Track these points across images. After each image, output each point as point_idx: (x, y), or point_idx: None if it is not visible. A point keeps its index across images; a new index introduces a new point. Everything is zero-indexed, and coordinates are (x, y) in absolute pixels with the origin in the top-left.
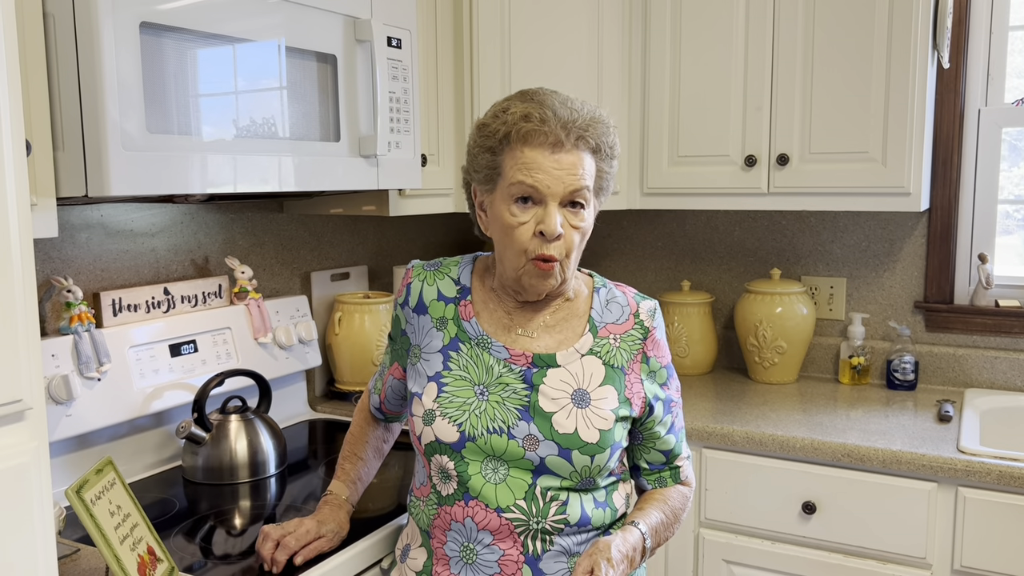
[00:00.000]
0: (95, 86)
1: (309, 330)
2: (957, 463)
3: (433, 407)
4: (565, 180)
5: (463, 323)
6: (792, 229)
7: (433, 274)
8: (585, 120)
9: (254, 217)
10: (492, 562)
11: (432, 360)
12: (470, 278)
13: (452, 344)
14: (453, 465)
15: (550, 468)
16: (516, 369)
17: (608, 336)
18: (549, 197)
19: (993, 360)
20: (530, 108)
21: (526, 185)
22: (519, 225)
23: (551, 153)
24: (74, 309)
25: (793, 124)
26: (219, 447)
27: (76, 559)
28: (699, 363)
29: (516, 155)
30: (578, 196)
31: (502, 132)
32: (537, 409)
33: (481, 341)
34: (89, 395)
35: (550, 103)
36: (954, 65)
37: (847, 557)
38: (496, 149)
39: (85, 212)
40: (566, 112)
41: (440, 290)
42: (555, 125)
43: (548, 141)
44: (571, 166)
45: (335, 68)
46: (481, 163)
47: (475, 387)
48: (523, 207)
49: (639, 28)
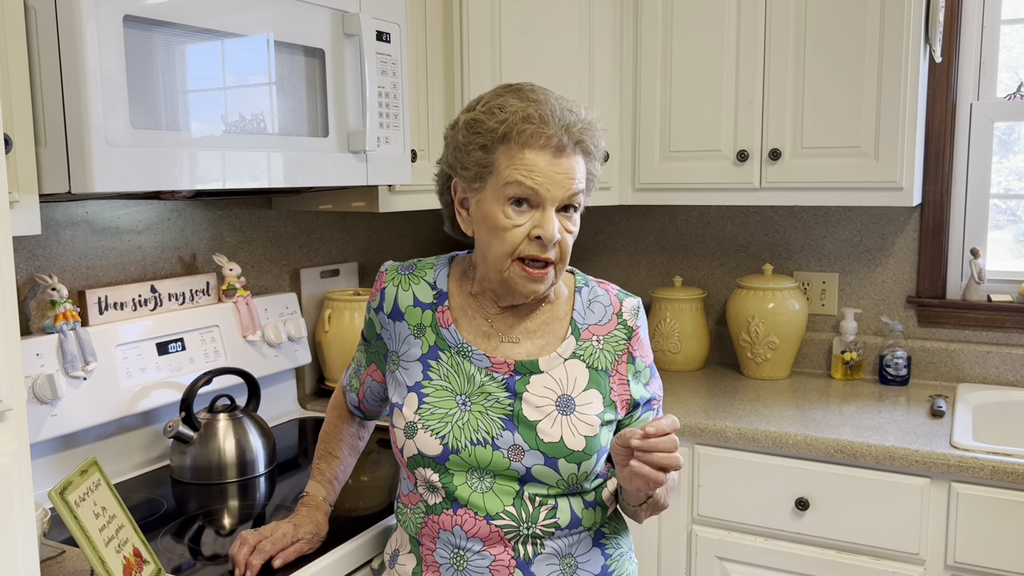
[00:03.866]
0: (78, 81)
1: (298, 327)
2: (950, 458)
3: (415, 419)
4: (564, 185)
5: (441, 330)
6: (784, 224)
7: (408, 278)
8: (584, 124)
9: (242, 214)
10: (483, 568)
11: (411, 369)
12: (447, 282)
13: (431, 352)
14: (438, 477)
15: (536, 477)
16: (498, 377)
17: (591, 338)
18: (548, 201)
19: (985, 355)
20: (530, 109)
21: (525, 187)
22: (513, 228)
23: (552, 157)
24: (59, 307)
25: (785, 119)
26: (207, 446)
27: (61, 561)
28: (691, 359)
29: (514, 155)
30: (575, 200)
31: (500, 131)
32: (521, 418)
33: (461, 349)
34: (75, 394)
35: (549, 104)
36: (946, 59)
37: (840, 553)
38: (490, 147)
39: (70, 209)
40: (566, 115)
41: (416, 295)
42: (557, 128)
43: (551, 145)
44: (569, 170)
45: (323, 62)
46: (471, 160)
47: (456, 397)
48: (518, 210)
49: (630, 22)
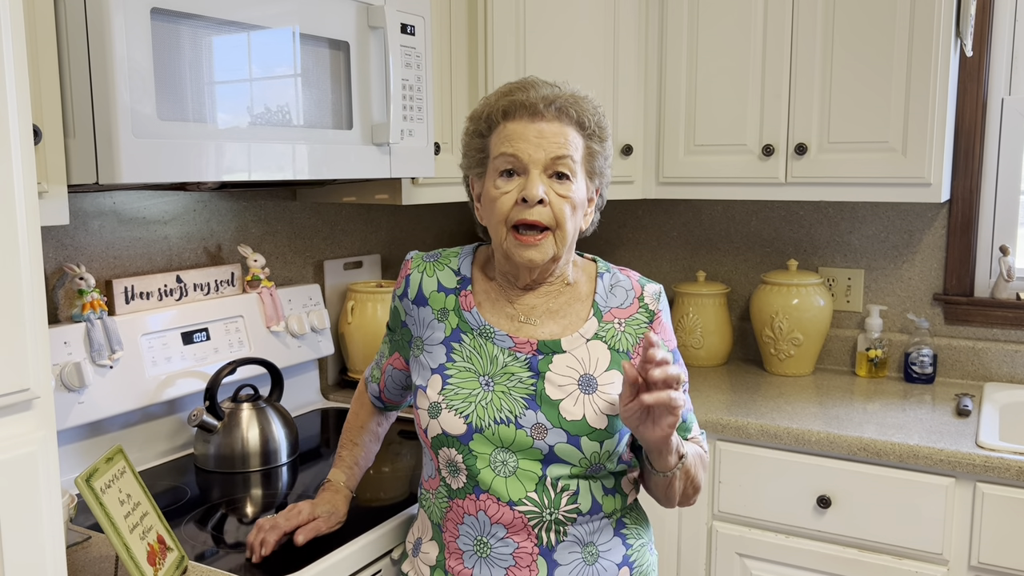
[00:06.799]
0: (106, 72)
1: (322, 319)
2: (976, 458)
3: (439, 399)
4: (546, 147)
5: (464, 313)
6: (809, 219)
7: (432, 265)
8: (567, 95)
9: (267, 205)
10: (507, 555)
11: (435, 352)
12: (471, 268)
13: (454, 335)
14: (462, 458)
15: (559, 456)
16: (521, 357)
17: (613, 320)
18: (531, 164)
19: (1013, 354)
20: (511, 87)
21: (507, 155)
22: (502, 195)
23: (531, 123)
24: (86, 296)
25: (812, 113)
26: (231, 435)
27: (87, 547)
28: (714, 355)
29: (500, 132)
30: (561, 165)
31: (486, 113)
32: (544, 397)
33: (484, 331)
34: (101, 382)
35: (532, 82)
36: (977, 53)
37: (862, 552)
38: (484, 132)
39: (98, 199)
40: (547, 89)
41: (440, 281)
42: (534, 97)
43: (527, 111)
44: (553, 135)
45: (348, 55)
46: (473, 149)
47: (480, 378)
48: (507, 179)
49: (656, 14)
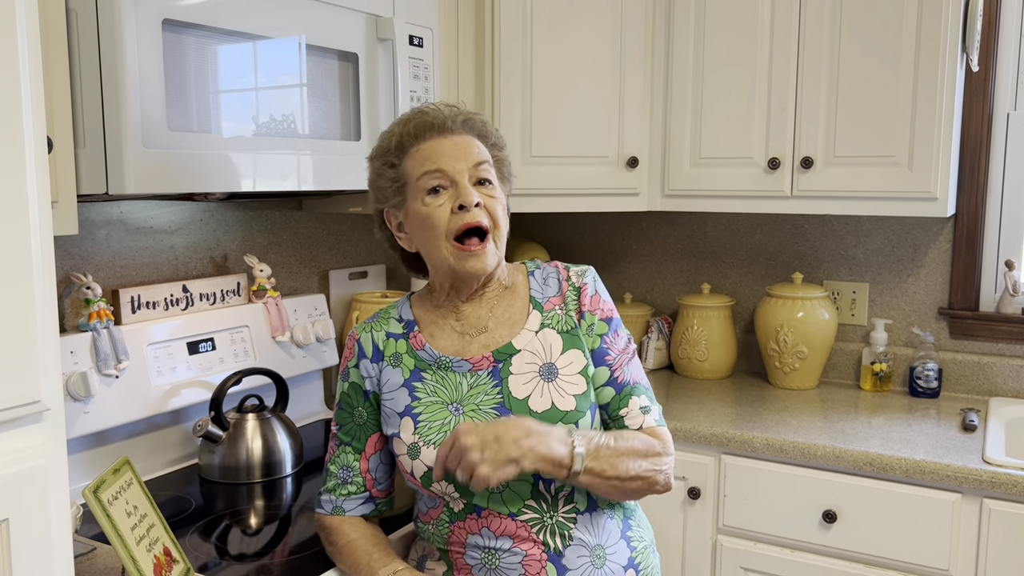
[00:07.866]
0: (117, 83)
1: (327, 329)
2: (983, 474)
3: (415, 440)
4: (465, 157)
5: (418, 352)
6: (815, 233)
7: (375, 324)
8: (465, 111)
9: (273, 215)
10: (515, 564)
11: (397, 397)
12: (410, 311)
13: (414, 376)
14: (454, 487)
15: None
16: (483, 374)
17: (554, 308)
18: (456, 175)
19: (1019, 369)
20: (409, 115)
21: (432, 172)
22: (436, 208)
23: (443, 138)
24: (93, 306)
25: (818, 127)
26: (236, 446)
27: (92, 558)
28: (718, 367)
29: (414, 155)
30: (483, 171)
31: (394, 142)
32: (511, 399)
33: (441, 363)
34: (107, 392)
35: (428, 107)
36: (983, 68)
37: (868, 567)
38: (395, 162)
39: (105, 209)
40: (447, 108)
41: (388, 331)
42: (440, 116)
43: (436, 129)
44: (466, 145)
45: (356, 66)
46: (386, 181)
47: (449, 406)
48: (435, 196)
49: (662, 27)
